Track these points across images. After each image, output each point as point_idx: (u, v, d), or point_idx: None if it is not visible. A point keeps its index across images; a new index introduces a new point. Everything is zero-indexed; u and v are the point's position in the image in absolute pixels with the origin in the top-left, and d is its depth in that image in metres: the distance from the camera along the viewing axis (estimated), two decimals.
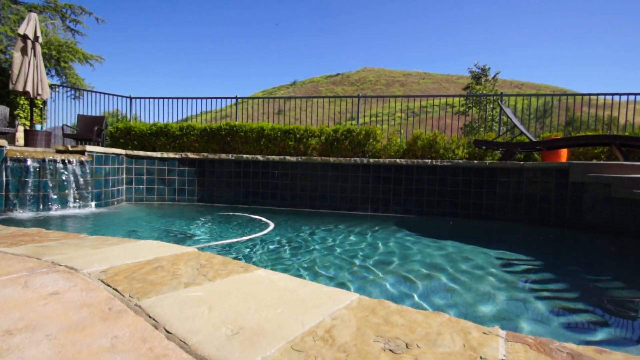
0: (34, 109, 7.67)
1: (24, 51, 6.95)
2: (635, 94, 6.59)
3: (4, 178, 3.67)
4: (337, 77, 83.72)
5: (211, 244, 2.71)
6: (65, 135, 7.40)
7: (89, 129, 7.43)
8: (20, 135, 7.70)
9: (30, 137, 6.84)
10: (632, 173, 3.79)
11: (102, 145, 7.64)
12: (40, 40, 7.09)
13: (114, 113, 9.55)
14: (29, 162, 3.80)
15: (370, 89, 73.89)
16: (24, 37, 6.90)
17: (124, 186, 5.34)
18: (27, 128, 7.35)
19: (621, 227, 3.63)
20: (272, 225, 3.66)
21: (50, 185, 3.94)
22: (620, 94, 6.77)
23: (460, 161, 4.92)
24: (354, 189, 5.21)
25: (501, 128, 7.88)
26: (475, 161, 4.84)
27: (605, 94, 6.89)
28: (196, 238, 3.08)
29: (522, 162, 4.50)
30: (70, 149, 4.40)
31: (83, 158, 4.27)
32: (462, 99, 19.31)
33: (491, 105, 16.05)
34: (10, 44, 8.70)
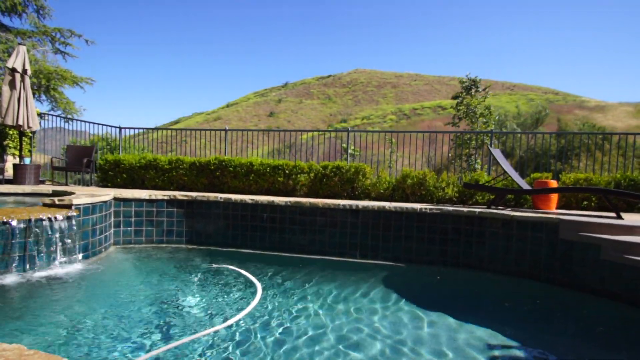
0: (24, 138, 7.62)
1: (12, 84, 6.92)
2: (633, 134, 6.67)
3: None
4: (328, 78, 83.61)
5: (197, 335, 2.73)
6: (54, 168, 7.37)
7: (78, 160, 7.41)
8: (9, 166, 7.67)
9: (20, 172, 6.82)
10: (623, 234, 3.80)
11: (91, 177, 7.62)
12: (29, 72, 7.06)
13: (104, 136, 9.52)
14: (15, 223, 3.78)
15: (361, 91, 73.92)
16: (13, 70, 6.87)
17: (112, 230, 5.33)
18: (17, 162, 7.31)
19: (611, 291, 3.64)
20: (259, 291, 3.67)
21: (37, 244, 3.93)
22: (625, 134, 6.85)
23: (450, 208, 4.96)
24: (342, 234, 5.24)
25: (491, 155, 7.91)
26: (464, 209, 4.87)
27: (602, 133, 6.95)
28: (181, 315, 3.10)
29: (512, 214, 4.53)
30: (57, 202, 4.38)
31: (70, 213, 4.26)
32: (454, 103, 19.31)
33: (484, 120, 16.05)
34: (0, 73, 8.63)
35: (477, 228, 4.78)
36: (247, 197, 5.55)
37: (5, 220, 3.74)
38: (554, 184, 5.25)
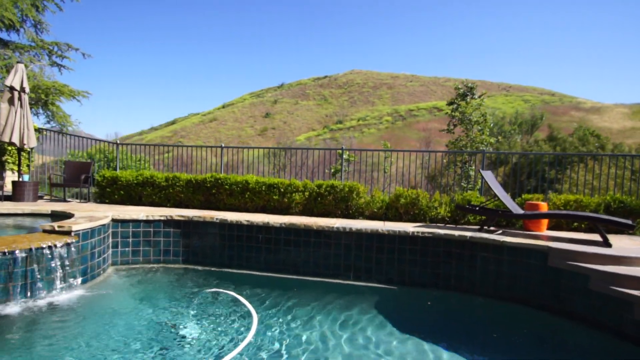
0: (22, 153, 7.69)
1: (10, 102, 6.99)
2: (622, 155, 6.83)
3: None
4: (325, 79, 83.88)
5: None
6: (52, 185, 7.44)
7: (76, 177, 7.50)
8: (8, 181, 7.72)
9: (19, 189, 6.90)
10: (611, 263, 3.92)
11: (89, 191, 7.70)
12: (27, 90, 7.14)
13: (101, 148, 9.58)
14: (17, 253, 3.88)
15: (357, 92, 74.24)
16: (11, 89, 6.95)
17: (110, 251, 5.42)
18: (15, 179, 7.38)
19: (599, 321, 3.77)
20: (255, 321, 3.78)
21: (37, 272, 4.03)
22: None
23: (442, 232, 5.07)
24: (336, 256, 5.36)
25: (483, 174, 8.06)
26: (456, 233, 4.99)
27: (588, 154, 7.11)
28: (177, 350, 3.21)
29: (502, 240, 4.64)
30: (57, 228, 4.47)
31: (69, 240, 4.35)
32: (449, 107, 19.44)
33: (479, 127, 16.09)
34: None
35: (469, 252, 4.90)
36: (243, 219, 5.66)
37: (7, 251, 3.83)
38: (544, 206, 5.39)
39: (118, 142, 8.01)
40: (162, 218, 5.71)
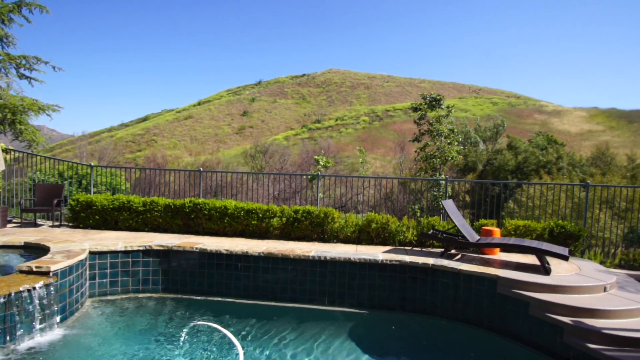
0: None
1: None
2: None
3: None
4: (302, 77, 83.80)
5: None
6: (23, 210, 7.30)
7: (47, 200, 7.38)
8: None
9: None
10: (548, 292, 4.46)
11: (61, 214, 7.59)
12: None
13: (73, 166, 9.39)
14: None
15: (335, 91, 74.73)
16: None
17: (88, 283, 5.46)
18: None
19: (538, 343, 4.29)
20: (241, 354, 4.00)
21: (17, 316, 4.07)
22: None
23: (407, 259, 5.47)
24: (312, 282, 5.64)
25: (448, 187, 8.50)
26: (420, 261, 5.40)
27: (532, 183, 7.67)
28: None
29: (459, 268, 5.10)
30: (34, 269, 4.49)
31: (48, 281, 4.39)
32: (415, 113, 20.19)
33: (448, 141, 16.81)
34: None
35: (431, 278, 5.36)
36: (222, 247, 5.82)
37: None
38: (497, 233, 5.95)
39: (92, 164, 7.89)
40: (140, 248, 5.78)
